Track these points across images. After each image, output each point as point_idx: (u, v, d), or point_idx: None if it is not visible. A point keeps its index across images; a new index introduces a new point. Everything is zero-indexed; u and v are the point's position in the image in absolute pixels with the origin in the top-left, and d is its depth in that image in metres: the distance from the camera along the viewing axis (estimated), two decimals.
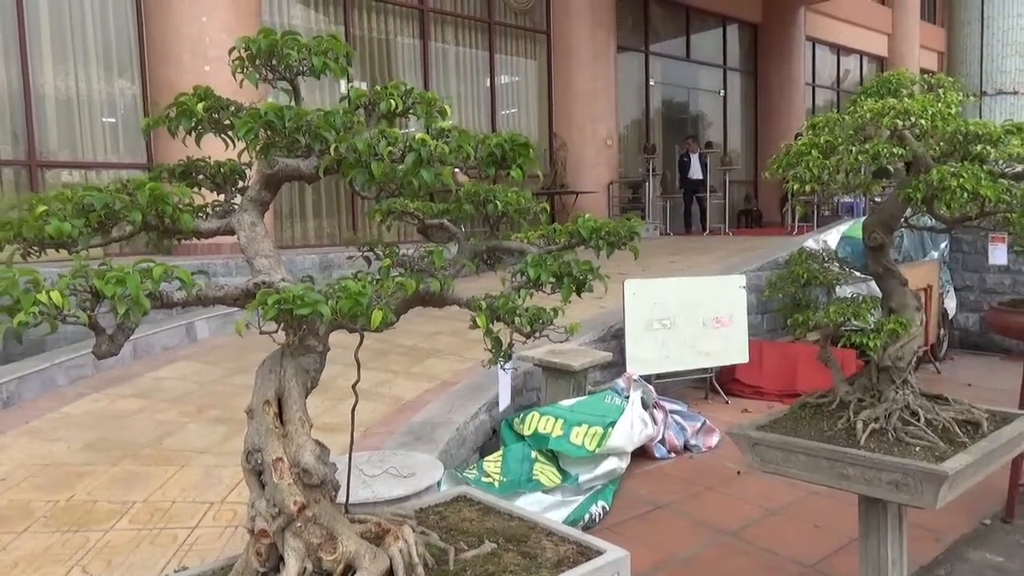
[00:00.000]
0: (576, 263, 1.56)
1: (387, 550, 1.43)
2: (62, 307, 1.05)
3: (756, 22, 17.28)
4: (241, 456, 1.44)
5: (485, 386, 5.39)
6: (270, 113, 1.35)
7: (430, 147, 1.31)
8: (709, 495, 4.64)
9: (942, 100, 2.39)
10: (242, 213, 1.52)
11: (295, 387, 1.48)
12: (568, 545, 1.62)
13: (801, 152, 2.44)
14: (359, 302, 1.20)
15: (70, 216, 1.24)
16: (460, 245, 1.72)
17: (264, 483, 1.43)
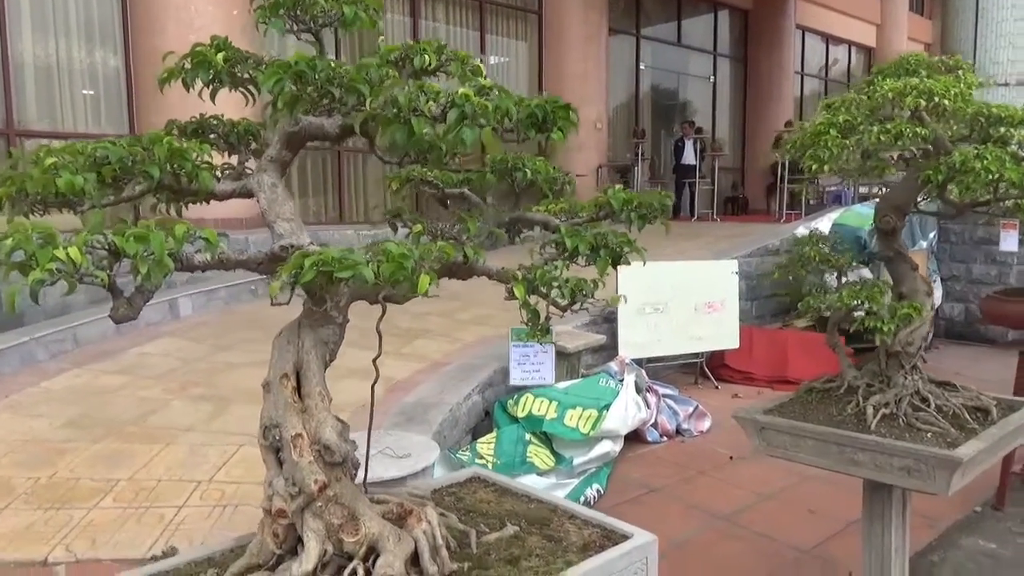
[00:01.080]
0: (613, 234, 1.49)
1: (411, 532, 1.36)
2: (80, 265, 0.97)
3: (747, 8, 17.21)
4: (258, 432, 1.37)
5: (477, 367, 5.33)
6: (301, 63, 1.26)
7: (474, 104, 1.23)
8: (702, 479, 4.63)
9: (963, 81, 2.34)
10: (261, 174, 1.43)
11: (314, 360, 1.41)
12: (592, 528, 1.57)
13: (819, 132, 2.38)
14: (403, 265, 1.12)
15: (82, 169, 1.15)
16: (484, 215, 1.64)
17: (282, 461, 1.36)
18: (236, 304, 7.94)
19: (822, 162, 2.30)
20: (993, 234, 8.15)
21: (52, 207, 1.19)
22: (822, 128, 2.39)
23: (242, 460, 4.37)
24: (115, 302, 1.07)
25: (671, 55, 16.23)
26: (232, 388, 5.38)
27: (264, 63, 1.40)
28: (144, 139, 1.25)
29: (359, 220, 11.02)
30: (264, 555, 1.35)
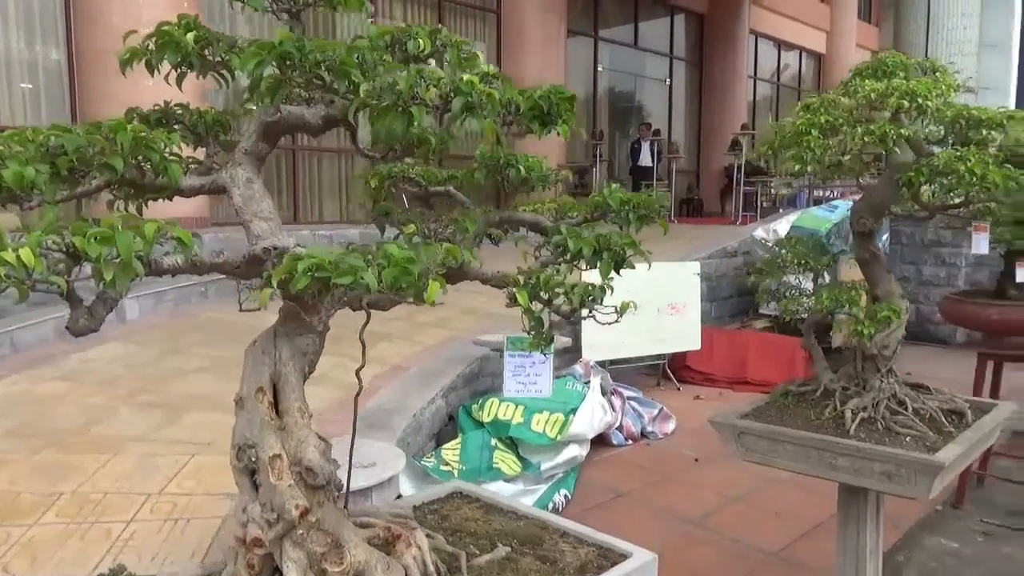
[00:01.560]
0: (618, 236, 1.41)
1: (399, 559, 1.26)
2: (33, 269, 0.83)
3: (702, 12, 17.41)
4: (231, 453, 1.24)
5: (440, 371, 5.21)
6: (286, 43, 1.13)
7: (480, 92, 1.12)
8: (669, 483, 4.60)
9: (943, 83, 2.33)
10: (235, 168, 1.30)
11: (292, 372, 1.29)
12: (587, 547, 1.48)
13: (801, 132, 2.34)
14: (408, 271, 1.01)
15: (33, 160, 1.00)
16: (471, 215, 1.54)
17: (258, 484, 1.24)
18: (186, 307, 7.66)
19: (805, 163, 2.26)
20: (943, 236, 8.36)
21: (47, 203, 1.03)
22: (803, 128, 2.35)
23: (195, 471, 4.17)
24: (74, 312, 0.94)
25: (628, 57, 16.32)
26: (183, 395, 5.16)
27: (238, 45, 1.28)
28: (104, 127, 1.11)
29: (314, 220, 10.78)
30: None
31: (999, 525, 4.03)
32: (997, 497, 4.37)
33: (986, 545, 3.84)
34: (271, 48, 1.13)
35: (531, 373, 3.74)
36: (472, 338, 5.53)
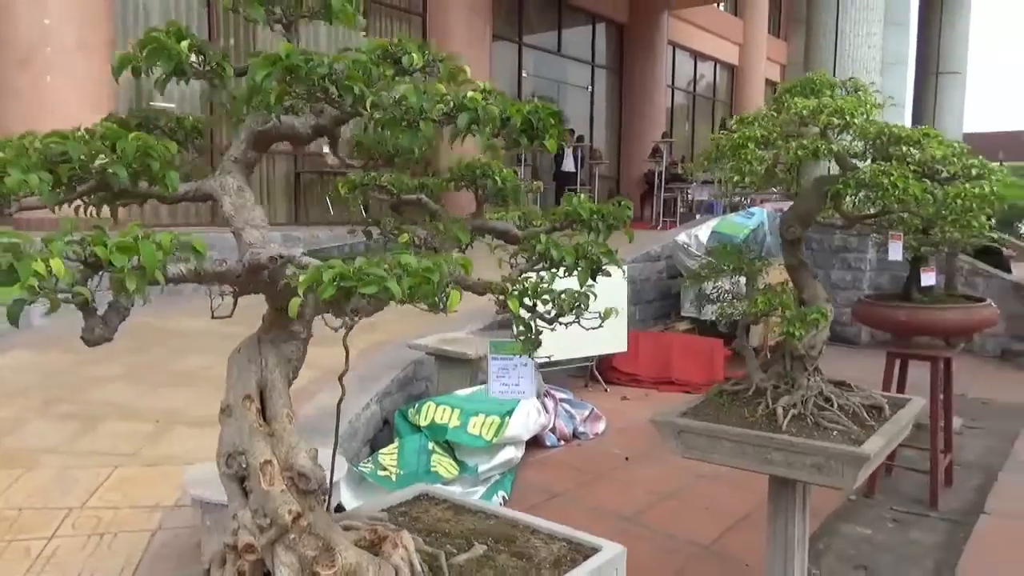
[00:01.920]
0: (596, 244, 1.47)
1: (388, 559, 1.27)
2: (61, 280, 0.82)
3: (623, 22, 17.85)
4: (220, 460, 1.23)
5: (374, 376, 5.17)
6: (293, 56, 1.14)
7: (483, 108, 1.16)
8: (601, 481, 4.71)
9: (865, 103, 2.51)
10: (225, 176, 1.28)
11: (279, 379, 1.29)
12: (559, 543, 1.54)
13: (738, 145, 2.47)
14: (428, 280, 1.03)
15: (34, 167, 0.98)
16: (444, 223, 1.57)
17: (248, 490, 1.23)
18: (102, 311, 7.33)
19: (744, 174, 2.39)
20: (849, 243, 8.86)
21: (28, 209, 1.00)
22: (741, 142, 2.48)
23: (119, 483, 4.02)
24: (89, 322, 0.92)
25: (552, 64, 16.56)
26: (103, 404, 4.95)
27: (223, 52, 1.27)
28: (99, 134, 1.09)
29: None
30: None
31: (907, 512, 4.33)
32: (903, 486, 4.68)
33: (896, 531, 4.11)
34: (278, 60, 1.13)
35: (514, 376, 3.79)
36: (405, 342, 5.52)
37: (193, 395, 5.13)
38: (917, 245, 3.95)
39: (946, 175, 2.38)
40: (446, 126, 1.18)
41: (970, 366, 7.88)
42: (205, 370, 5.64)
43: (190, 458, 4.20)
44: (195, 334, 6.42)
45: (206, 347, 6.05)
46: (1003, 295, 8.33)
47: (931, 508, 4.35)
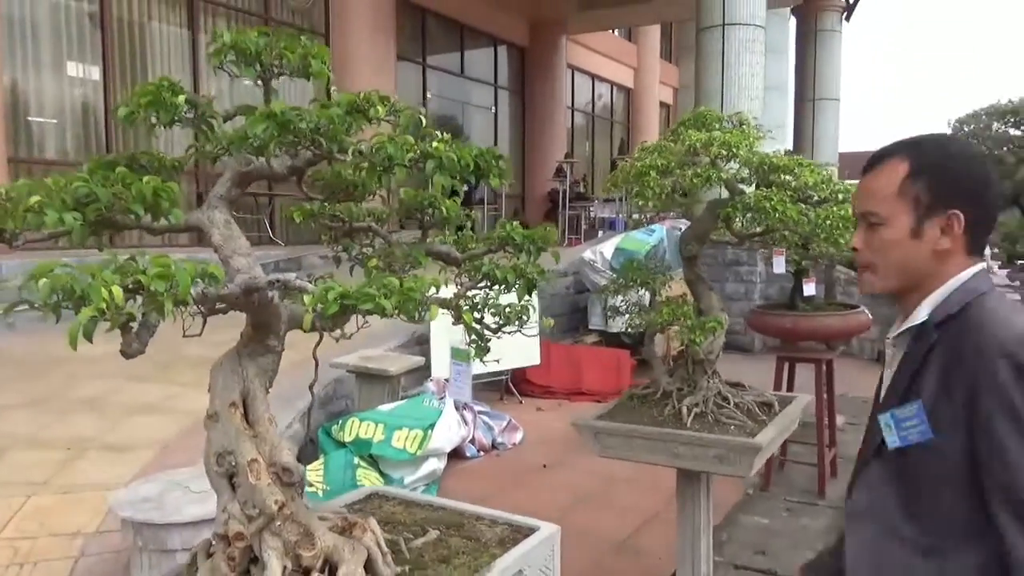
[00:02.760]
0: (533, 266, 1.69)
1: (360, 541, 1.44)
2: (120, 305, 0.94)
3: (524, 45, 18.37)
4: (209, 460, 1.36)
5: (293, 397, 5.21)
6: (288, 113, 1.30)
7: (445, 156, 1.36)
8: (521, 488, 4.94)
9: (748, 135, 2.86)
10: (212, 211, 1.42)
11: (259, 388, 1.43)
12: (501, 526, 1.74)
13: (641, 172, 2.77)
14: (411, 297, 1.22)
15: (67, 208, 1.10)
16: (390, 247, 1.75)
17: (236, 485, 1.37)
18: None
19: (647, 199, 2.69)
20: (740, 257, 9.50)
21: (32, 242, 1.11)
22: (643, 169, 2.78)
23: (34, 512, 3.92)
24: (127, 338, 1.05)
25: (455, 85, 16.85)
26: (6, 435, 4.78)
27: (209, 102, 1.42)
28: (116, 176, 1.21)
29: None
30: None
31: (798, 502, 4.76)
32: (795, 479, 5.14)
33: (789, 519, 4.53)
34: (274, 115, 1.30)
35: (460, 379, 4.00)
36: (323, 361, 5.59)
37: (101, 421, 5.03)
38: (799, 259, 4.40)
39: (817, 199, 2.76)
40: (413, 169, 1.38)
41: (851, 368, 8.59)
42: (110, 395, 5.52)
43: (107, 484, 4.15)
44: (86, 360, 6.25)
45: (103, 372, 5.91)
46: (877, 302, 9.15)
47: (819, 497, 4.81)
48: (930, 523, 1.31)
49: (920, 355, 1.34)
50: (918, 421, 1.31)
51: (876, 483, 1.39)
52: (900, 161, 1.37)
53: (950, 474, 1.28)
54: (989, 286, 1.37)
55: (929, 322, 1.35)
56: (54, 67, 9.67)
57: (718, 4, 9.55)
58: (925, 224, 1.35)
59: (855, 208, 1.42)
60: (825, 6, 16.54)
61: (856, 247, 1.42)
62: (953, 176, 1.35)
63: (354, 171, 1.41)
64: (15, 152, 9.01)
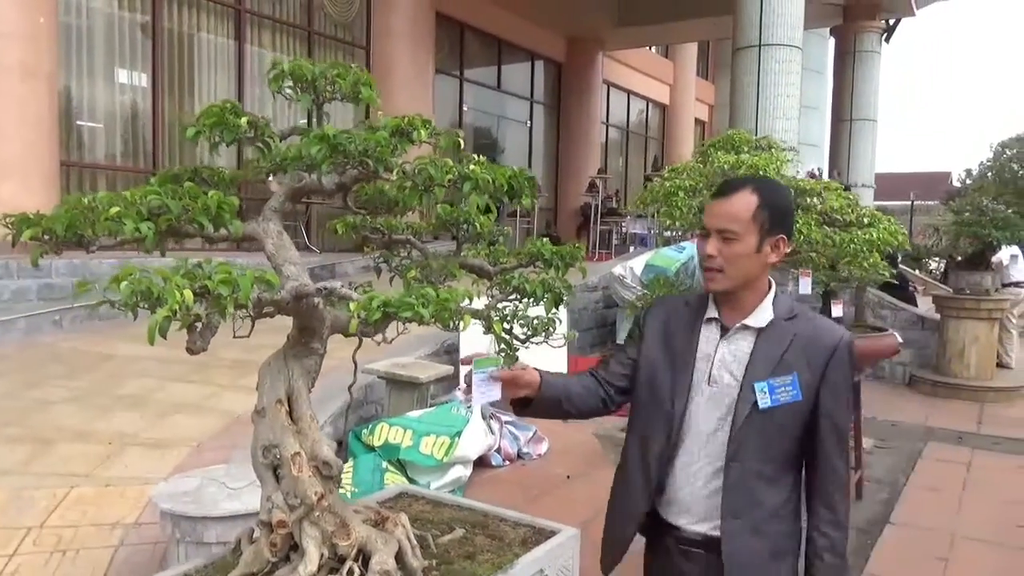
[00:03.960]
0: (561, 281, 1.79)
1: (392, 534, 1.54)
2: (191, 307, 1.07)
3: (561, 61, 18.54)
4: (256, 452, 1.47)
5: (325, 400, 5.36)
6: (339, 136, 1.43)
7: (478, 177, 1.47)
8: (545, 498, 5.01)
9: (776, 159, 2.93)
10: (266, 222, 1.55)
11: (303, 387, 1.55)
12: (524, 528, 1.83)
13: (669, 192, 2.85)
14: (447, 307, 1.33)
15: (140, 218, 1.23)
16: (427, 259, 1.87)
17: (280, 477, 1.48)
18: (38, 336, 7.28)
19: (675, 219, 2.78)
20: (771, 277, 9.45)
21: (104, 248, 1.25)
22: (672, 189, 2.86)
23: (77, 502, 4.10)
24: (192, 336, 1.17)
25: (491, 99, 17.06)
26: (52, 428, 4.99)
27: (265, 123, 1.55)
28: (183, 191, 1.35)
29: None
30: (259, 564, 1.46)
31: None
32: None
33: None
34: (327, 138, 1.42)
35: (487, 384, 4.12)
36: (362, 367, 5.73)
37: (142, 417, 5.22)
38: (827, 280, 4.44)
39: (843, 222, 2.81)
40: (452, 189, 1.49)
41: (881, 391, 8.52)
42: (150, 393, 5.72)
43: (146, 478, 4.31)
44: (126, 359, 6.48)
45: (143, 371, 6.12)
46: (909, 326, 9.07)
47: None
48: (773, 460, 1.80)
49: (786, 341, 1.80)
50: (792, 387, 1.78)
51: (743, 436, 1.79)
52: (751, 193, 1.79)
53: (795, 423, 1.79)
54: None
55: (777, 319, 1.82)
56: (106, 74, 10.03)
57: (755, 24, 9.59)
58: (764, 243, 1.79)
59: (711, 224, 1.81)
60: (865, 27, 16.44)
61: (711, 254, 1.80)
62: (783, 210, 1.84)
63: (397, 190, 1.53)
64: (67, 156, 9.36)
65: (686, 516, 1.88)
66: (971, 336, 8.53)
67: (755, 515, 1.80)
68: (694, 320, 1.91)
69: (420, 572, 1.55)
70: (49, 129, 8.39)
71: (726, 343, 1.85)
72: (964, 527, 4.64)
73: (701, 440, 1.84)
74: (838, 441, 1.81)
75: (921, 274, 15.32)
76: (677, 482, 1.88)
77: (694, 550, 1.88)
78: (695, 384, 1.86)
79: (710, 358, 1.85)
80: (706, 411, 1.84)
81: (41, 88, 8.17)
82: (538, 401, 1.97)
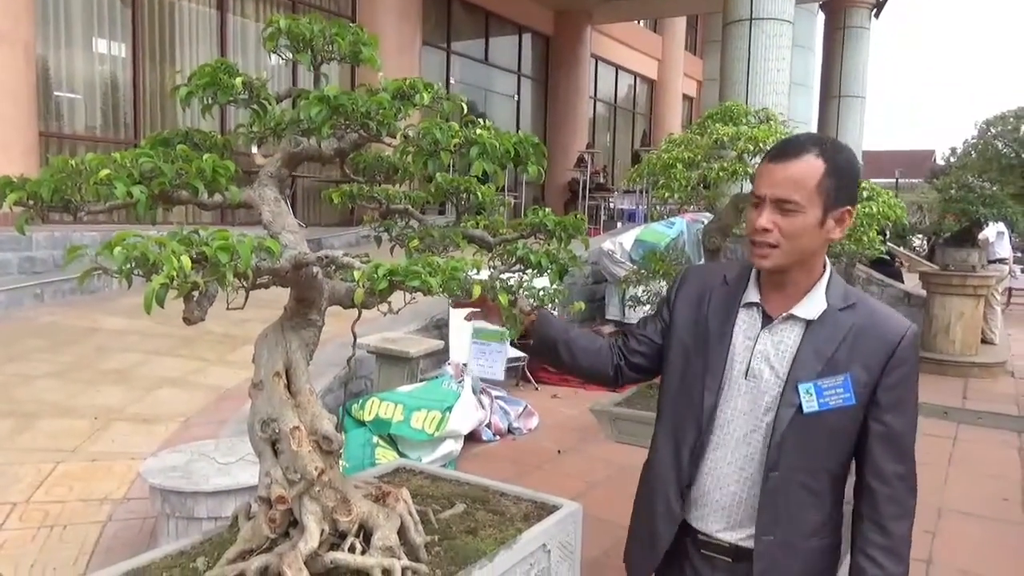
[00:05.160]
0: (567, 251, 1.75)
1: (393, 509, 1.51)
2: (189, 274, 1.01)
3: (548, 34, 18.33)
4: (253, 427, 1.43)
5: (317, 373, 5.31)
6: (341, 97, 1.36)
7: (486, 142, 1.42)
8: (537, 472, 5.01)
9: (776, 132, 2.89)
10: (262, 188, 1.49)
11: (301, 360, 1.50)
12: (525, 502, 1.81)
13: (667, 165, 2.81)
14: (455, 276, 1.28)
15: (133, 181, 1.17)
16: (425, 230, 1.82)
17: (278, 451, 1.44)
18: (18, 310, 7.16)
19: (673, 191, 2.73)
20: None
21: (93, 213, 1.19)
22: (670, 161, 2.82)
23: (63, 478, 4.05)
24: (189, 305, 1.11)
25: (479, 72, 16.86)
26: (35, 402, 4.91)
27: (261, 84, 1.49)
28: (176, 154, 1.28)
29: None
30: (258, 540, 1.42)
31: None
32: None
33: None
34: (327, 99, 1.36)
35: (489, 359, 4.09)
36: (343, 341, 5.68)
37: (128, 392, 5.15)
38: None
39: None
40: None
41: None
42: (136, 367, 5.65)
43: (133, 453, 4.26)
44: (110, 333, 6.39)
45: (127, 345, 6.04)
46: (896, 303, 9.12)
47: None
48: (820, 472, 1.60)
49: (839, 335, 1.57)
50: (844, 390, 1.55)
51: (785, 443, 1.58)
52: (816, 158, 1.53)
53: (848, 431, 1.58)
54: None
55: (831, 308, 1.59)
56: (84, 44, 9.80)
57: None
58: (829, 216, 1.54)
59: (768, 192, 1.55)
60: (854, 3, 16.37)
61: (765, 227, 1.55)
62: (851, 176, 1.57)
63: (401, 155, 1.47)
64: (45, 127, 9.16)
65: (714, 521, 1.67)
66: (957, 312, 8.60)
67: (794, 531, 1.59)
68: (732, 300, 1.66)
69: (423, 548, 1.52)
70: (27, 98, 8.20)
71: (768, 333, 1.61)
72: (950, 500, 4.69)
73: (734, 441, 1.63)
74: (894, 452, 1.57)
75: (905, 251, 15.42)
76: (706, 484, 1.67)
77: (720, 557, 1.68)
78: (730, 376, 1.63)
79: (749, 348, 1.62)
80: (742, 409, 1.62)
81: (18, 56, 7.97)
82: (534, 334, 1.84)
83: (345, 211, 12.35)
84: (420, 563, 1.48)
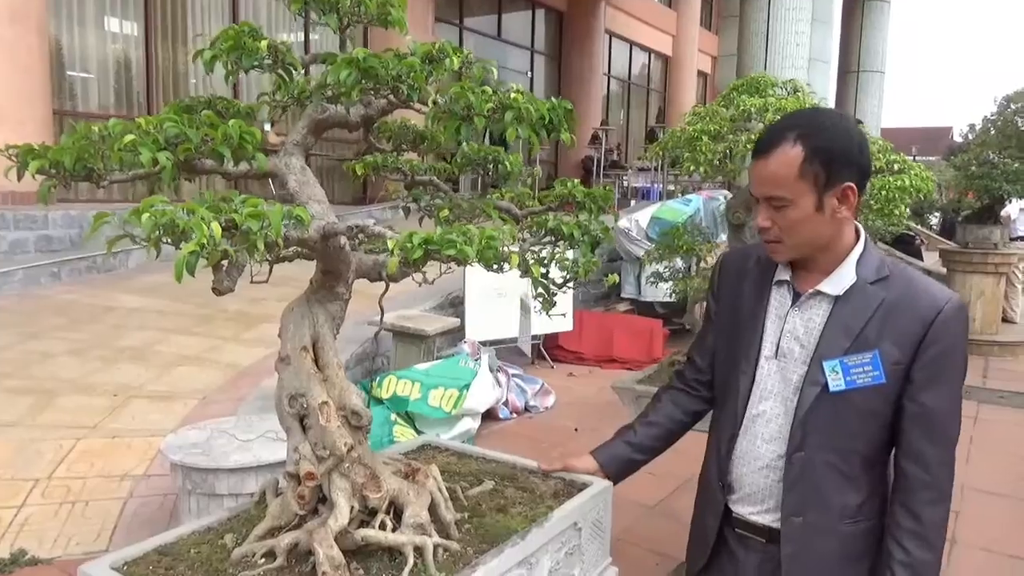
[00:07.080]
0: (598, 223, 1.70)
1: (423, 486, 1.48)
2: (219, 242, 0.98)
3: (562, 10, 18.10)
4: (281, 401, 1.40)
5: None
6: (371, 59, 1.32)
7: (523, 106, 1.37)
8: (553, 450, 4.99)
9: (803, 102, 2.81)
10: (288, 157, 1.45)
11: (328, 333, 1.47)
12: (553, 480, 1.78)
13: (692, 137, 2.74)
14: (491, 245, 1.24)
15: (158, 147, 1.13)
16: (451, 201, 1.77)
17: (307, 427, 1.41)
18: (35, 288, 7.19)
19: (699, 164, 2.67)
20: None
21: (116, 182, 1.16)
22: (696, 134, 2.75)
23: (84, 454, 4.07)
24: (218, 275, 1.08)
25: (492, 48, 16.68)
26: (54, 379, 4.94)
27: (286, 48, 1.44)
28: (202, 119, 1.24)
29: None
30: (286, 516, 1.40)
31: None
32: None
33: None
34: (356, 62, 1.31)
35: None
36: (360, 319, 5.66)
37: (146, 370, 5.17)
38: None
39: (872, 169, 2.71)
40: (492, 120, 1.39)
41: None
42: (153, 345, 5.66)
43: (152, 430, 4.28)
44: (127, 311, 6.41)
45: (144, 323, 6.06)
46: None
47: None
48: (850, 453, 1.54)
49: (870, 309, 1.50)
50: (872, 367, 1.49)
51: (809, 423, 1.54)
52: (793, 146, 1.46)
53: (880, 411, 1.51)
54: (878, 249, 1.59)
55: (861, 282, 1.52)
56: (96, 23, 9.75)
57: None
58: (825, 198, 1.48)
59: (756, 192, 1.52)
60: None
61: (764, 225, 1.53)
62: (841, 152, 1.48)
63: (433, 121, 1.42)
64: (59, 105, 9.15)
65: (749, 503, 1.65)
66: (977, 290, 8.49)
67: (826, 514, 1.54)
68: (764, 280, 1.63)
69: (453, 525, 1.50)
70: (41, 74, 8.18)
71: (797, 311, 1.57)
72: (973, 479, 4.64)
73: (764, 420, 1.60)
74: (930, 434, 1.50)
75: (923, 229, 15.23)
76: (738, 466, 1.65)
77: (754, 538, 1.65)
78: (763, 356, 1.60)
79: (780, 326, 1.59)
80: (772, 389, 1.59)
81: (31, 32, 7.93)
82: (616, 477, 1.91)
83: (359, 190, 12.30)
84: (451, 540, 1.46)
